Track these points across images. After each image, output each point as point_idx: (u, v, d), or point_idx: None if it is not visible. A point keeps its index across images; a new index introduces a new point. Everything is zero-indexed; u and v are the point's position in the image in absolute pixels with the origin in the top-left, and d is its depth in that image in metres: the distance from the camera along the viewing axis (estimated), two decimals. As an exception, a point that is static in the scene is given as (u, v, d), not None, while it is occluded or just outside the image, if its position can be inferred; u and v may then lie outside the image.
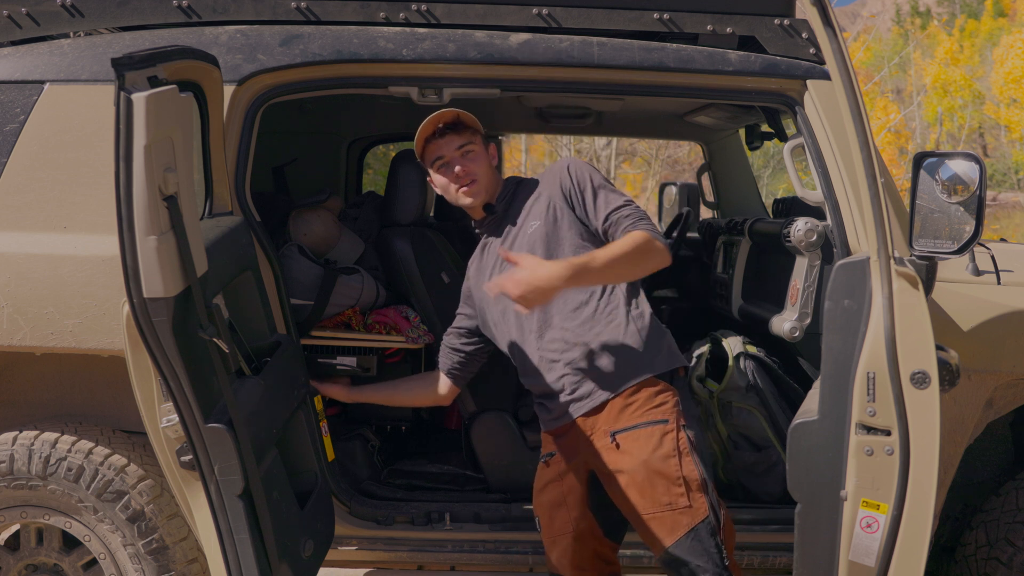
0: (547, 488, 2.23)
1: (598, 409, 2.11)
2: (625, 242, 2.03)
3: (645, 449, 2.04)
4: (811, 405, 2.16)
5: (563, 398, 2.14)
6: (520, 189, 2.29)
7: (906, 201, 2.09)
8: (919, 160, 2.02)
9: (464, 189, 2.21)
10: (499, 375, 2.89)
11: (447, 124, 2.22)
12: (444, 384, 2.49)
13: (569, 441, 2.18)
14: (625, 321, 2.12)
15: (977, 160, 1.98)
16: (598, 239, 2.17)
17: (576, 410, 2.13)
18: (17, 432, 2.40)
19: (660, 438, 2.05)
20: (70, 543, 2.48)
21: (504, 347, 2.29)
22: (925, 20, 56.38)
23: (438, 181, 2.25)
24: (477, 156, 2.23)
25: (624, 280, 2.13)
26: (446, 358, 2.47)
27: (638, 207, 2.15)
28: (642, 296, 2.19)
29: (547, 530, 2.24)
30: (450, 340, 2.45)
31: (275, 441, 2.17)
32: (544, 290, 1.90)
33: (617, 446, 2.07)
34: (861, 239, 2.25)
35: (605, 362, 2.10)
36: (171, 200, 1.75)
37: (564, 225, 2.16)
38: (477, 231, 2.36)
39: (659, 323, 2.18)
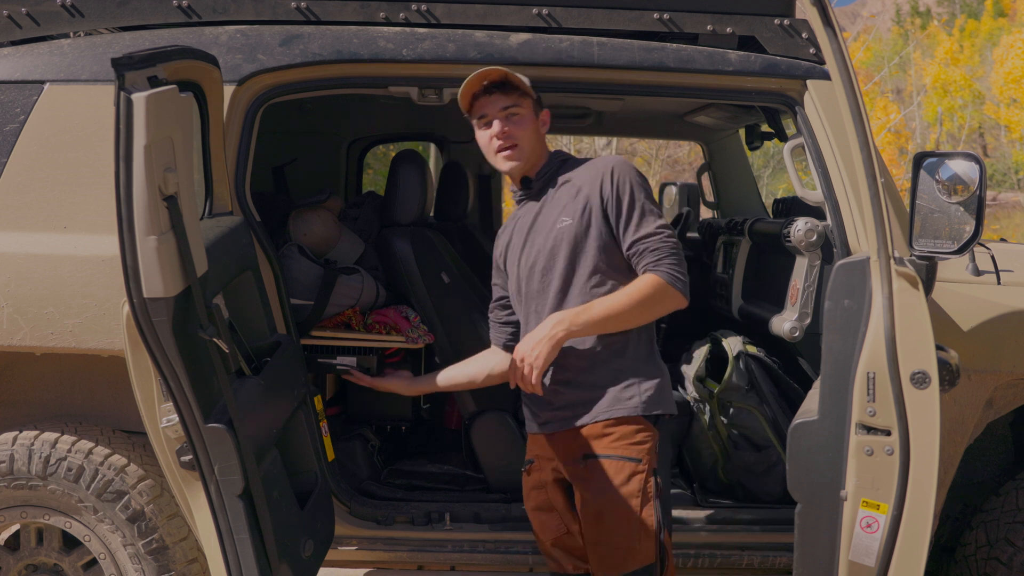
0: (531, 495, 2.23)
1: (579, 428, 2.07)
2: (631, 293, 1.98)
3: (612, 482, 2.02)
4: (811, 405, 2.16)
5: (546, 408, 2.12)
6: (563, 169, 2.17)
7: (906, 201, 2.09)
8: (919, 160, 2.02)
9: (504, 153, 2.11)
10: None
11: (494, 83, 2.09)
12: (507, 359, 2.29)
13: (547, 450, 2.16)
14: (627, 353, 2.07)
15: (977, 160, 1.98)
16: (622, 260, 2.08)
17: (557, 424, 2.11)
18: (17, 432, 2.40)
19: (628, 476, 2.02)
20: (70, 543, 2.48)
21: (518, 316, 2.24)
22: (925, 20, 56.39)
23: (479, 138, 2.15)
24: (522, 120, 2.10)
25: (628, 328, 2.05)
26: (498, 333, 2.35)
27: (669, 235, 2.03)
28: (650, 331, 2.13)
29: (540, 533, 2.24)
30: (495, 315, 2.35)
31: (275, 441, 2.17)
32: (543, 354, 1.96)
33: (586, 470, 2.05)
34: (861, 239, 2.25)
35: (595, 388, 2.06)
36: (171, 200, 1.75)
37: (593, 235, 2.05)
38: (515, 199, 2.27)
39: (659, 362, 2.13)
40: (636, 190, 2.04)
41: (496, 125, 2.09)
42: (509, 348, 2.31)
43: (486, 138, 2.12)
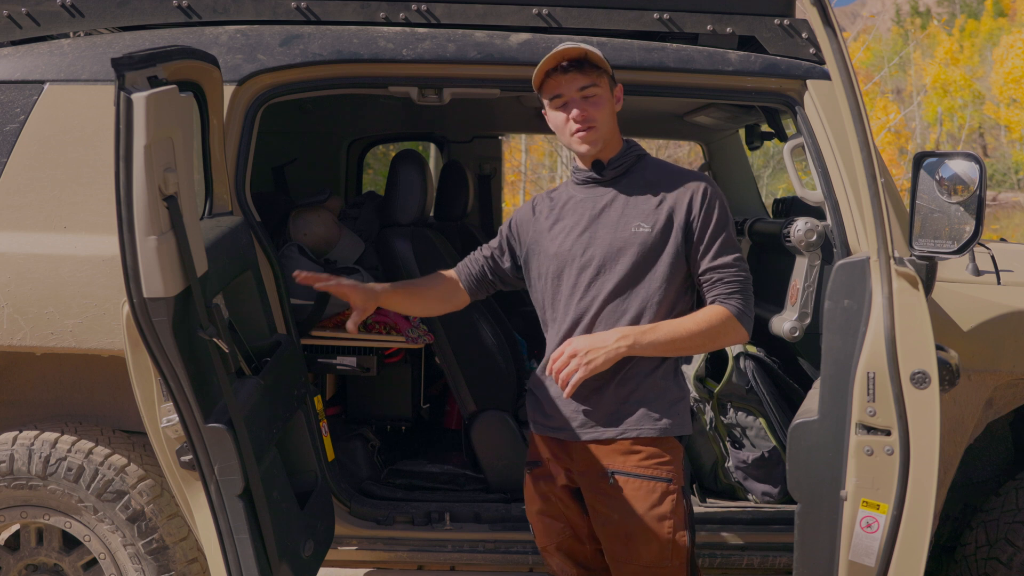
0: (535, 498, 2.17)
1: (604, 443, 2.01)
2: (698, 321, 1.95)
3: (644, 503, 1.98)
4: (811, 405, 2.16)
5: (567, 413, 2.05)
6: (641, 166, 2.07)
7: (906, 201, 2.09)
8: (919, 160, 2.02)
9: (581, 135, 1.99)
10: (499, 375, 2.89)
11: (572, 61, 1.97)
12: (461, 297, 2.24)
13: (559, 456, 2.09)
14: (658, 371, 2.01)
15: (977, 160, 1.98)
16: (684, 280, 2.02)
17: (572, 432, 2.04)
18: (17, 432, 2.40)
19: (661, 496, 1.98)
20: (70, 543, 2.48)
21: (537, 307, 2.15)
22: (925, 20, 56.43)
23: (552, 119, 2.04)
24: (599, 101, 1.99)
25: (686, 355, 2.02)
26: (468, 272, 2.23)
27: (744, 269, 2.00)
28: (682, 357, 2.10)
29: (542, 537, 2.18)
30: (479, 262, 2.23)
31: (275, 441, 2.17)
32: (597, 363, 1.90)
33: (615, 488, 1.99)
34: (861, 239, 2.25)
35: (623, 402, 2.00)
36: (171, 200, 1.76)
37: (669, 250, 1.98)
38: (574, 179, 2.13)
39: (684, 381, 2.09)
40: (724, 218, 2.00)
41: (574, 108, 1.98)
42: (468, 289, 2.23)
43: (561, 120, 2.01)
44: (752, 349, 2.87)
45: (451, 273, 2.26)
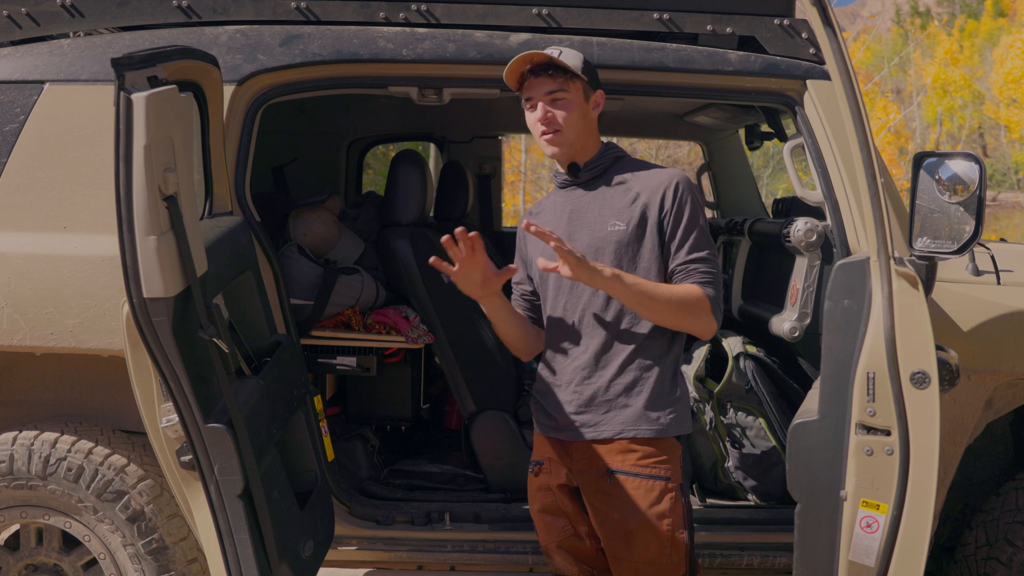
0: (537, 496, 2.18)
1: (602, 442, 2.03)
2: (679, 290, 1.96)
3: (643, 501, 1.99)
4: (811, 405, 2.16)
5: (569, 413, 2.07)
6: (617, 167, 2.10)
7: (906, 201, 2.09)
8: (919, 160, 2.02)
9: (547, 137, 2.03)
10: (499, 375, 2.89)
11: (540, 65, 2.00)
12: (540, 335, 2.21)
13: (563, 455, 2.11)
14: (657, 370, 2.03)
15: (977, 160, 1.98)
16: (661, 277, 2.04)
17: (574, 433, 2.06)
18: (17, 432, 2.40)
19: (660, 494, 2.00)
20: (70, 543, 2.48)
21: (544, 310, 2.16)
22: (925, 20, 56.41)
23: (527, 118, 2.08)
24: (566, 105, 2.01)
25: (653, 321, 2.01)
26: (522, 311, 2.24)
27: (716, 265, 2.03)
28: (680, 350, 2.11)
29: (545, 535, 2.19)
30: (519, 304, 2.25)
31: (275, 441, 2.17)
32: (586, 271, 1.86)
33: (614, 487, 2.01)
34: (861, 239, 2.25)
35: (622, 402, 2.02)
36: (171, 200, 1.76)
37: (647, 246, 2.02)
38: (556, 183, 2.17)
39: (683, 381, 2.10)
40: (698, 212, 2.02)
41: (540, 109, 2.02)
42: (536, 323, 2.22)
43: (532, 120, 2.05)
44: (752, 349, 2.87)
45: (525, 320, 2.22)
